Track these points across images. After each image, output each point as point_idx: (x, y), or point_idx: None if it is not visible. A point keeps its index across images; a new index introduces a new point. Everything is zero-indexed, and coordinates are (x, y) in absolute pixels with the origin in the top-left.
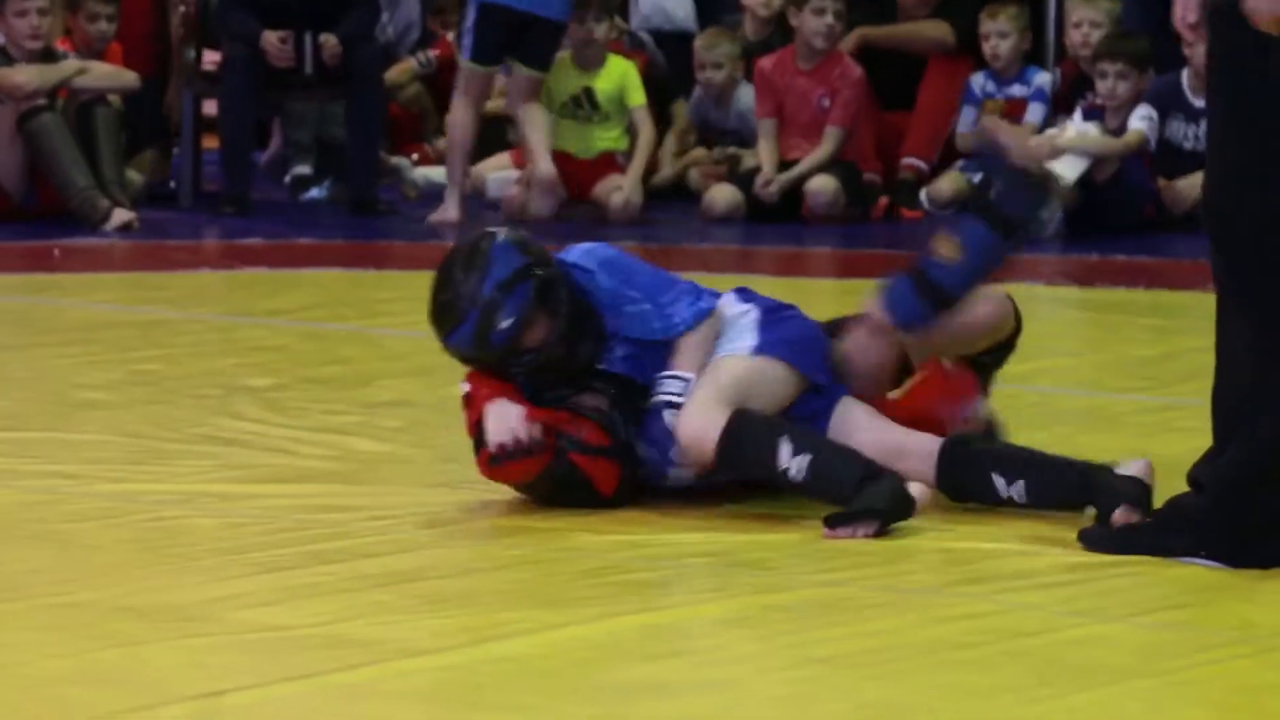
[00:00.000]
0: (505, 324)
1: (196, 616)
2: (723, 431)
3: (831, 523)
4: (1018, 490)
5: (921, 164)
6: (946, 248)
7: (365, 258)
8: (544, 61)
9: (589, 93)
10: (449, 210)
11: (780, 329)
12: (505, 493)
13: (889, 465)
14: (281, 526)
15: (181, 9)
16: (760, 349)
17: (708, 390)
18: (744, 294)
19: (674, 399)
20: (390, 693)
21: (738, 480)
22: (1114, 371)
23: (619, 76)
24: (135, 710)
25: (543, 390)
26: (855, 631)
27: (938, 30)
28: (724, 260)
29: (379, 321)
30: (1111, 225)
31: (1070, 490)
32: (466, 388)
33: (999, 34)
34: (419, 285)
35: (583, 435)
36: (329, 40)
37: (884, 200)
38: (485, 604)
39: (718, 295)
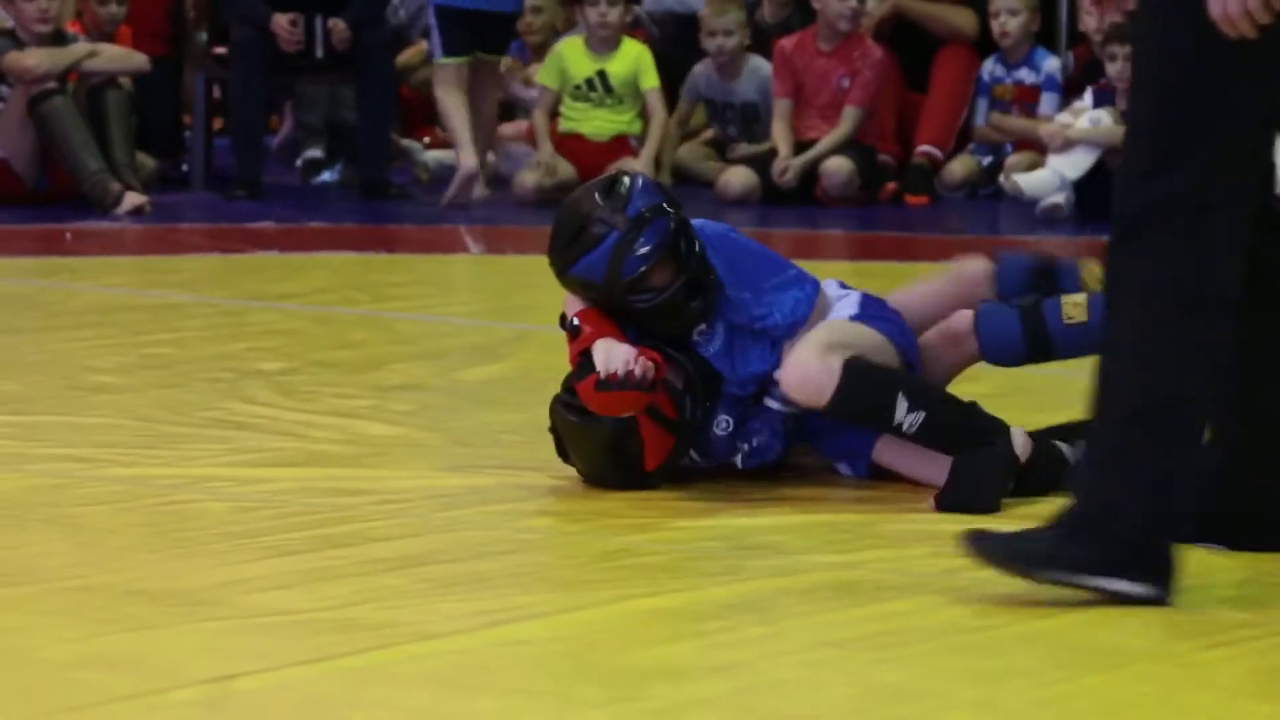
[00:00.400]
0: (642, 251)
1: (207, 600)
2: (841, 376)
3: (941, 505)
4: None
5: (936, 151)
6: (1074, 307)
7: (376, 241)
8: (502, 48)
9: (602, 75)
10: (465, 163)
11: (880, 309)
12: (517, 477)
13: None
14: (292, 510)
15: None
16: (861, 318)
17: (819, 336)
18: (842, 285)
19: (775, 405)
20: (401, 676)
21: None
22: None
23: (633, 60)
24: (147, 694)
25: (640, 342)
26: (867, 614)
27: (963, 18)
28: None
29: (390, 305)
30: None
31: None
32: (576, 320)
33: (1009, 10)
34: (430, 268)
35: (658, 400)
36: (338, 24)
37: (890, 185)
38: (497, 587)
39: (818, 283)
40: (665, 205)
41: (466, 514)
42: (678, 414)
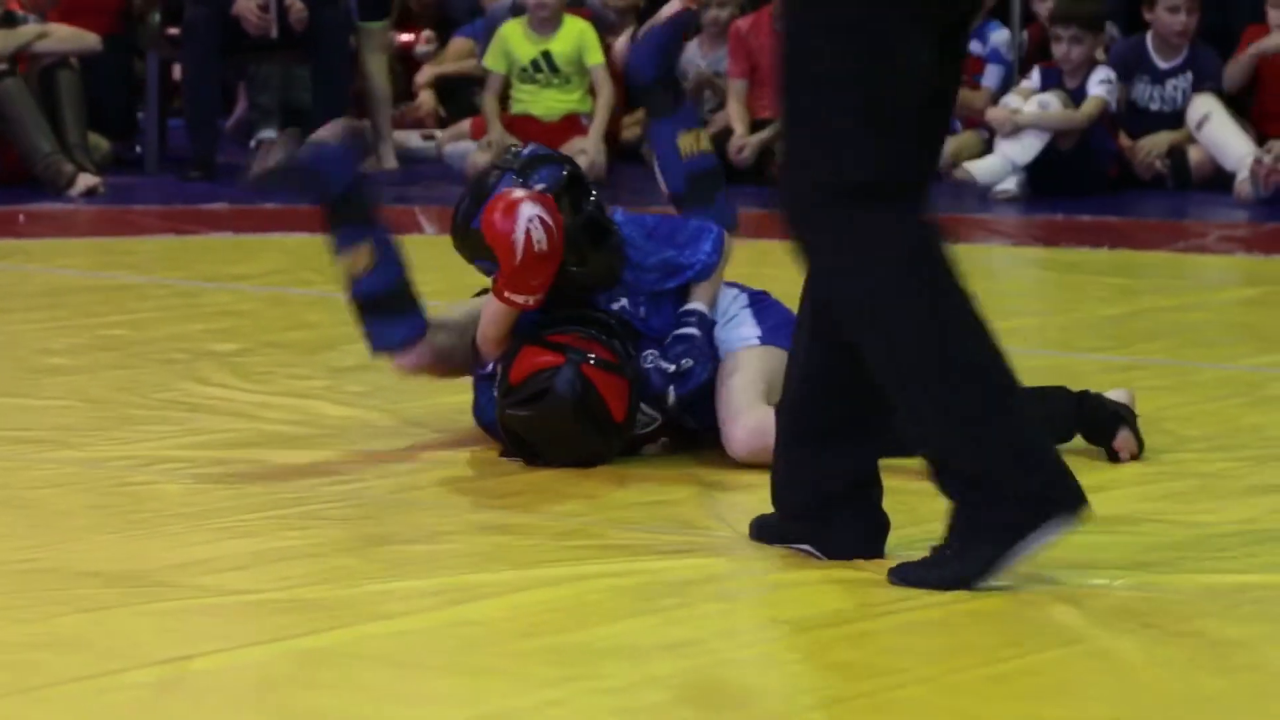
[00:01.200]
0: (537, 186)
1: (162, 582)
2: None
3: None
4: None
5: None
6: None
7: None
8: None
9: (547, 56)
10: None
11: (769, 315)
12: (471, 458)
13: None
14: (247, 491)
15: None
16: (765, 338)
17: (751, 388)
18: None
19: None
20: (357, 656)
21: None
22: (1078, 331)
23: (576, 37)
24: (101, 675)
25: (551, 308)
26: (820, 593)
27: None
28: None
29: None
30: (1075, 187)
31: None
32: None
33: None
34: None
35: (593, 351)
36: (295, 4)
37: None
38: (451, 568)
39: (722, 230)
40: (565, 160)
41: (421, 495)
42: (618, 357)
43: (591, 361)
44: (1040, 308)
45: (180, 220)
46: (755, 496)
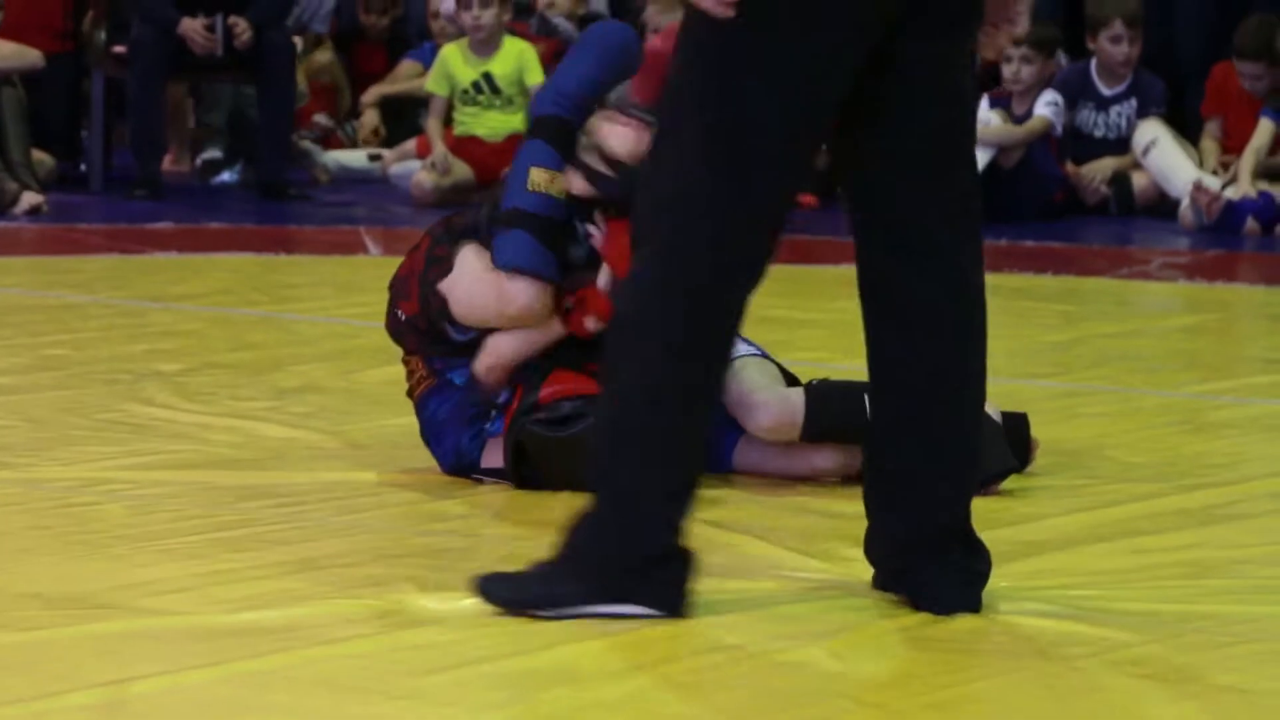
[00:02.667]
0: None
1: (104, 604)
2: (808, 408)
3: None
4: None
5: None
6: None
7: (276, 242)
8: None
9: (488, 77)
10: None
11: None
12: (415, 480)
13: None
14: (190, 513)
15: None
16: (759, 353)
17: (761, 381)
18: None
19: None
20: (300, 680)
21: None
22: (1022, 357)
23: (516, 57)
24: (41, 698)
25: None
26: (763, 616)
27: None
28: None
29: (289, 307)
30: (1020, 211)
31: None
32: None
33: None
34: (329, 270)
35: None
36: (240, 23)
37: None
38: (396, 591)
39: None
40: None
41: (365, 517)
42: None
43: None
44: None
45: (125, 239)
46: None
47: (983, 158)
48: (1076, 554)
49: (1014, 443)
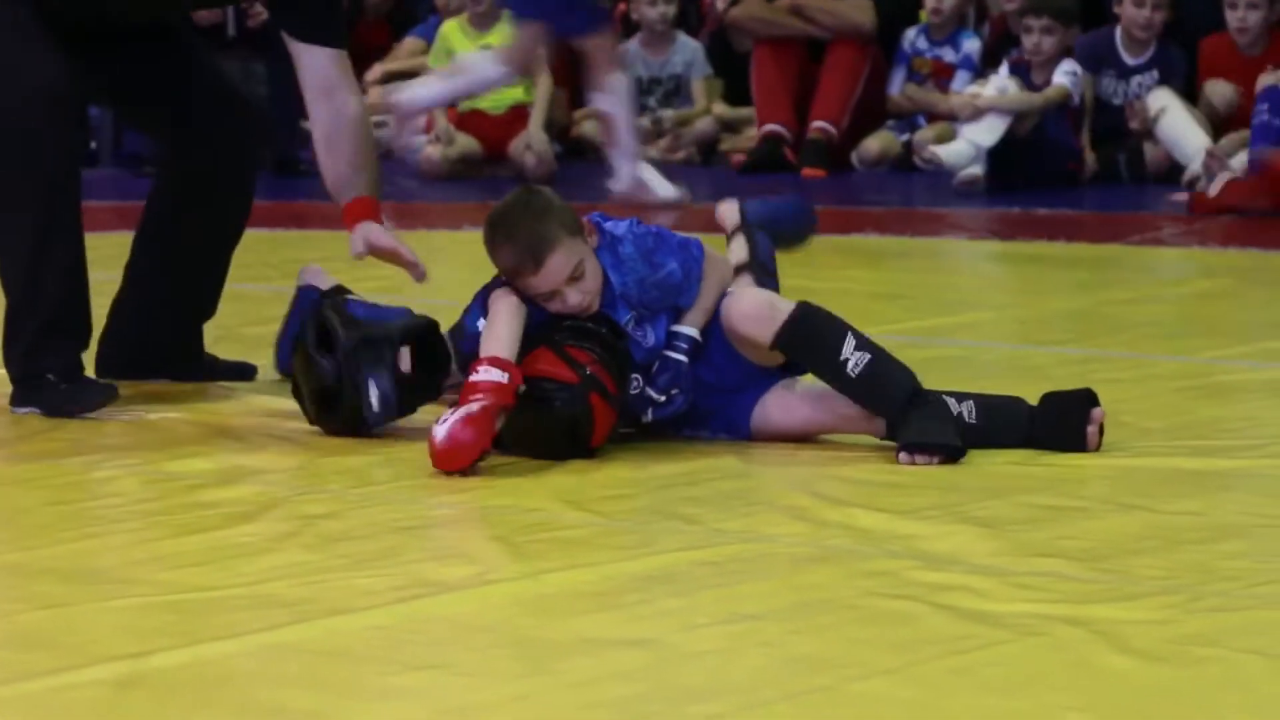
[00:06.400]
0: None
1: (122, 578)
2: (793, 312)
3: (910, 449)
4: (967, 408)
5: (830, 127)
6: None
7: (288, 218)
8: None
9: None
10: None
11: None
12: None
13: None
14: (205, 487)
15: None
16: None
17: (750, 289)
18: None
19: (681, 357)
20: (318, 652)
21: (683, 422)
22: (1036, 325)
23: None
24: (62, 671)
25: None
26: (781, 586)
27: (860, 13)
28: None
29: None
30: (1033, 179)
31: (1016, 411)
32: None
33: None
34: (341, 245)
35: (605, 380)
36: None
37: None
38: (412, 563)
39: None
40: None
41: (380, 489)
42: (619, 390)
43: (603, 391)
44: (998, 301)
45: (135, 216)
46: (714, 489)
47: (1003, 123)
48: (1093, 518)
49: (1057, 424)
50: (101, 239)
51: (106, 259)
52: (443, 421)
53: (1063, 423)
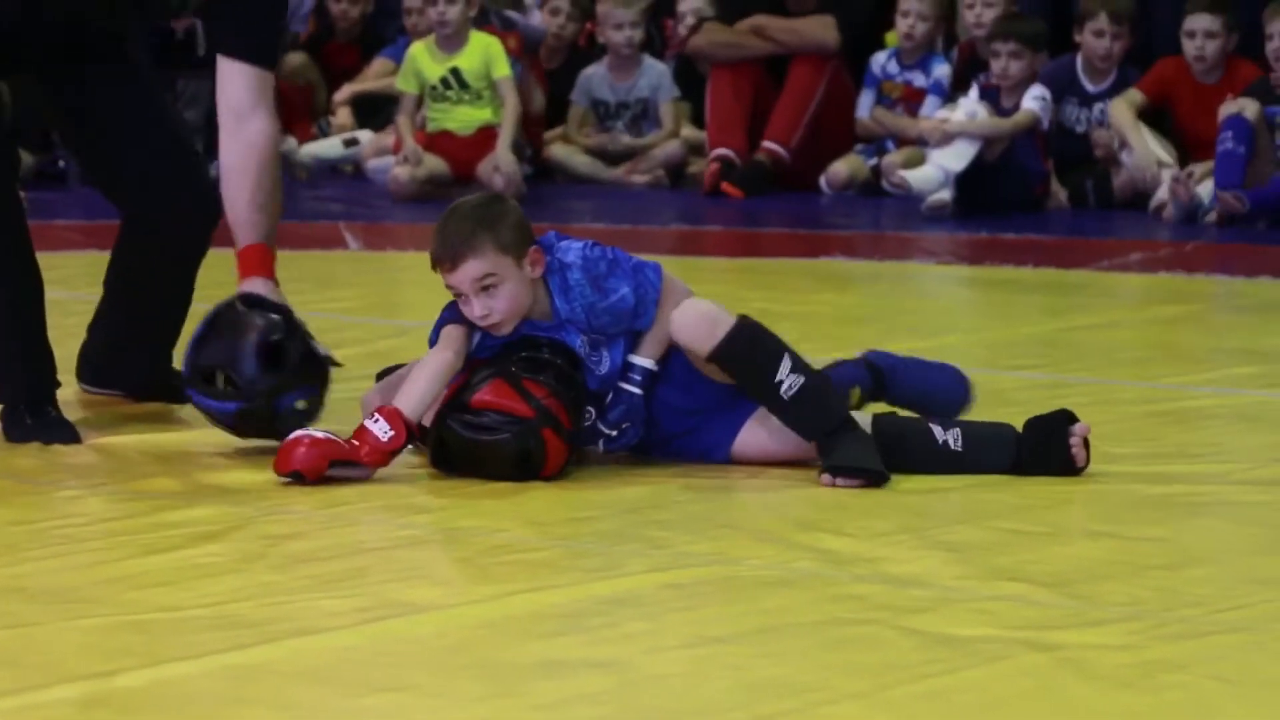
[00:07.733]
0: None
1: (87, 598)
2: (735, 324)
3: (834, 471)
4: (953, 435)
5: (778, 147)
6: None
7: None
8: None
9: (455, 73)
10: None
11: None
12: (397, 473)
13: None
14: (171, 507)
15: None
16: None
17: (696, 299)
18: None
19: (635, 390)
20: (283, 673)
21: (644, 448)
22: (1003, 349)
23: (482, 51)
24: (26, 690)
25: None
26: (748, 609)
27: (824, 31)
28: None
29: None
30: (1001, 204)
31: (1001, 437)
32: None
33: (919, 16)
34: (309, 265)
35: (559, 415)
36: None
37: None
38: (378, 584)
39: (658, 266)
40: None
41: (346, 510)
42: (572, 424)
43: (556, 426)
44: (966, 325)
45: (104, 236)
46: (682, 512)
47: (973, 147)
48: (1060, 543)
49: (1041, 447)
50: (70, 258)
51: (74, 278)
52: (307, 432)
53: (1047, 446)
